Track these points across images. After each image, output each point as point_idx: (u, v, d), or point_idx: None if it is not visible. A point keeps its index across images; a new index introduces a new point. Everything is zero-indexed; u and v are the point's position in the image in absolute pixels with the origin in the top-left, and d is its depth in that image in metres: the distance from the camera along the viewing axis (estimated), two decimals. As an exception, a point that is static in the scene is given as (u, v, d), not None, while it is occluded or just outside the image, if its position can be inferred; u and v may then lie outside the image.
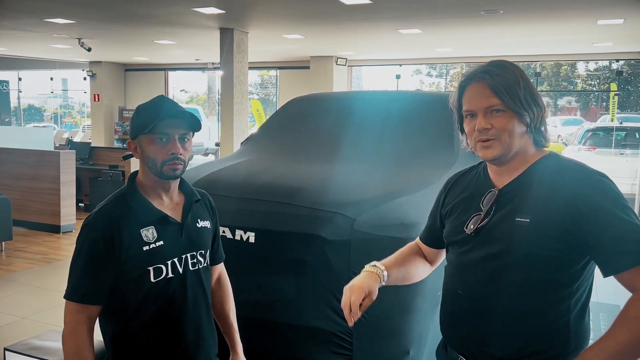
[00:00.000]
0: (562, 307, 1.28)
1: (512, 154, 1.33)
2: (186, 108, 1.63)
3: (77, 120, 28.21)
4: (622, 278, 1.20)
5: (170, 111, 1.51)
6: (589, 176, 1.26)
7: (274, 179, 2.64)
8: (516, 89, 1.29)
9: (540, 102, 1.32)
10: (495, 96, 1.30)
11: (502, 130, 1.30)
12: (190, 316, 1.59)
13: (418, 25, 8.33)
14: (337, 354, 2.27)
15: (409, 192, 2.53)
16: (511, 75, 1.31)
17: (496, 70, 1.31)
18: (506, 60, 1.37)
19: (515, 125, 1.30)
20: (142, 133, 1.51)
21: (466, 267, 1.38)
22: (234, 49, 8.92)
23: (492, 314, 1.32)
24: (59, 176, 6.79)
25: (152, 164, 1.52)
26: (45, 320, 4.00)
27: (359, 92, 4.24)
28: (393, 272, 1.50)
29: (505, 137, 1.30)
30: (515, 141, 1.31)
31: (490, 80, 1.30)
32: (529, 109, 1.30)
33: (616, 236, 1.18)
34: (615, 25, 7.86)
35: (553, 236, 1.24)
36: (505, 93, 1.29)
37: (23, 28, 9.27)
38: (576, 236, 1.22)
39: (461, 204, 1.45)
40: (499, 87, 1.29)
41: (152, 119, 1.49)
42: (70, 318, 1.48)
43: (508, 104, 1.29)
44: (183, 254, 1.57)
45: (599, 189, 1.23)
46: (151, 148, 1.51)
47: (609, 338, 1.18)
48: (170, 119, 1.50)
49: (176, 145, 1.51)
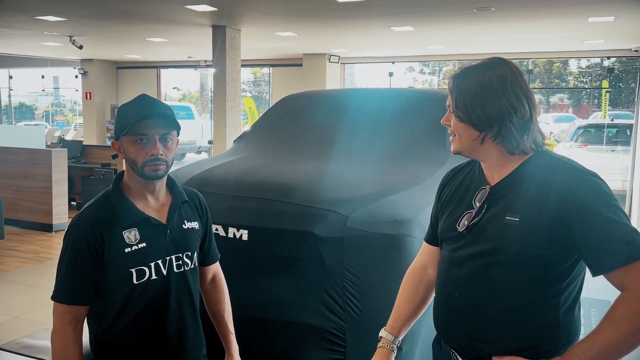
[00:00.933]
0: (551, 304, 1.29)
1: (471, 152, 1.36)
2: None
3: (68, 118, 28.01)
4: (611, 277, 1.21)
5: (147, 111, 1.48)
6: (580, 176, 1.26)
7: (267, 177, 2.64)
8: (464, 99, 1.30)
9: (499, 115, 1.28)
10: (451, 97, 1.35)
11: (454, 129, 1.36)
12: (174, 318, 1.58)
13: (410, 22, 8.34)
14: (330, 351, 2.27)
15: (401, 189, 2.54)
16: (471, 84, 1.30)
17: (466, 74, 1.33)
18: (495, 61, 1.33)
19: (463, 129, 1.33)
20: (123, 134, 1.50)
21: (457, 264, 1.39)
22: (226, 46, 8.88)
23: (483, 311, 1.33)
24: (51, 174, 6.76)
25: (133, 165, 1.51)
26: (38, 319, 3.98)
27: (352, 90, 4.25)
28: (404, 328, 1.58)
29: (458, 135, 1.35)
30: (468, 142, 1.34)
31: (452, 82, 1.35)
32: (476, 121, 1.29)
33: (604, 236, 1.19)
34: (606, 22, 7.90)
35: (542, 236, 1.25)
36: (454, 98, 1.33)
37: (13, 26, 9.19)
38: (565, 236, 1.23)
39: (454, 200, 1.46)
40: (452, 91, 1.34)
41: (129, 120, 1.47)
42: (57, 318, 1.49)
43: (461, 118, 1.32)
44: (167, 256, 1.56)
45: (588, 188, 1.23)
46: (131, 149, 1.50)
47: (597, 335, 1.19)
48: (147, 120, 1.47)
49: (156, 145, 1.49)
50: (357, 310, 2.25)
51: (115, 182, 1.58)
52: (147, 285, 1.53)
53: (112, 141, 1.56)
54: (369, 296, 2.26)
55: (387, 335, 1.57)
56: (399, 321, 1.58)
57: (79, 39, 10.33)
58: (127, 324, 1.53)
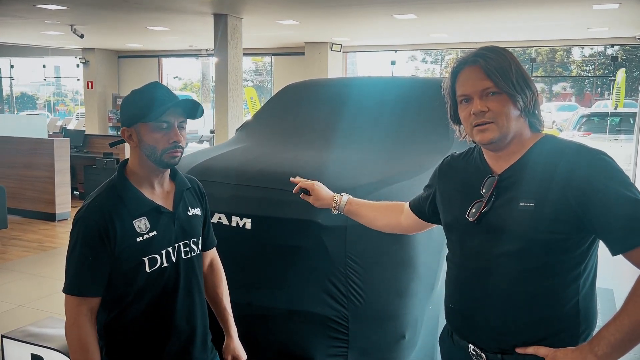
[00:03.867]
0: (570, 290, 1.28)
1: (509, 137, 1.32)
2: (180, 95, 1.62)
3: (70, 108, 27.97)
4: (631, 256, 1.20)
5: (173, 99, 1.50)
6: (590, 156, 1.26)
7: (270, 166, 2.64)
8: (508, 72, 1.29)
9: (532, 85, 1.32)
10: (489, 79, 1.29)
11: (498, 113, 1.30)
12: (184, 304, 1.59)
13: (413, 10, 8.27)
14: (333, 339, 2.28)
15: (404, 178, 2.53)
16: (503, 59, 1.31)
17: (489, 54, 1.31)
18: (497, 45, 1.37)
19: (510, 108, 1.30)
20: (142, 120, 1.49)
21: (470, 255, 1.37)
22: (227, 35, 8.83)
23: (501, 301, 1.32)
24: (53, 164, 6.76)
25: (151, 153, 1.51)
26: (42, 307, 4.01)
27: (355, 78, 4.22)
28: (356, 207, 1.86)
29: (503, 119, 1.30)
30: (512, 124, 1.31)
31: (484, 63, 1.30)
32: (521, 92, 1.29)
33: (623, 215, 1.18)
34: (610, 10, 7.84)
35: (559, 219, 1.24)
36: (498, 76, 1.28)
37: (14, 14, 9.15)
38: (582, 217, 1.22)
39: (460, 190, 1.44)
40: (492, 70, 1.29)
41: (152, 106, 1.47)
42: (71, 311, 1.48)
43: (501, 87, 1.28)
44: (176, 243, 1.58)
45: (601, 168, 1.23)
46: (151, 136, 1.49)
47: (623, 317, 1.18)
48: (174, 107, 1.49)
49: (177, 133, 1.51)
50: (360, 298, 2.25)
51: (119, 171, 1.57)
52: (159, 273, 1.54)
53: (123, 128, 1.54)
54: (372, 284, 2.26)
55: (345, 197, 1.91)
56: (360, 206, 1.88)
57: (80, 28, 10.29)
58: (139, 312, 1.54)
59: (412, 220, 1.72)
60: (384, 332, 2.30)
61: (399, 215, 1.77)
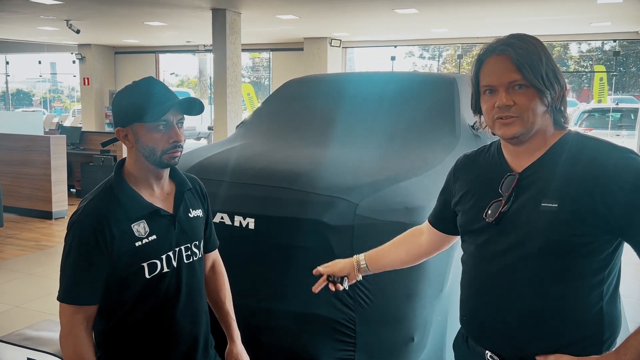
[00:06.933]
0: (594, 295, 1.22)
1: (532, 133, 1.25)
2: (177, 92, 1.56)
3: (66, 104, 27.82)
4: None
5: (173, 97, 1.43)
6: (619, 155, 1.19)
7: (273, 163, 2.56)
8: (538, 65, 1.21)
9: (562, 80, 1.24)
10: (517, 71, 1.21)
11: (524, 108, 1.22)
12: (185, 310, 1.53)
13: (415, 4, 8.20)
14: (339, 342, 2.22)
15: (412, 175, 2.46)
16: (534, 50, 1.23)
17: (519, 44, 1.23)
18: (528, 34, 1.28)
19: (537, 104, 1.22)
20: (140, 121, 1.41)
21: (488, 258, 1.30)
22: (226, 30, 8.74)
23: (521, 306, 1.25)
24: (50, 161, 6.68)
25: (150, 153, 1.43)
26: (39, 308, 3.93)
27: (358, 73, 4.15)
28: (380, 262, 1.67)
29: (528, 115, 1.22)
30: (537, 120, 1.24)
31: (514, 54, 1.21)
32: (550, 87, 1.22)
33: None
34: (615, 4, 7.77)
35: (584, 221, 1.17)
36: (528, 68, 1.20)
37: (8, 9, 9.03)
38: (608, 219, 1.16)
39: (476, 189, 1.37)
40: (522, 62, 1.20)
41: (149, 105, 1.39)
42: (66, 320, 1.41)
43: (530, 80, 1.20)
44: (177, 247, 1.50)
45: (631, 168, 1.16)
46: (150, 136, 1.42)
47: None
48: (175, 106, 1.42)
49: (177, 132, 1.43)
50: (368, 300, 2.19)
51: (116, 172, 1.49)
52: (159, 278, 1.47)
53: (118, 128, 1.46)
54: (379, 286, 2.20)
55: (360, 255, 1.69)
56: (379, 254, 1.67)
57: (76, 23, 10.18)
58: (138, 320, 1.47)
59: (435, 237, 1.59)
60: (392, 335, 2.24)
61: (418, 238, 1.64)
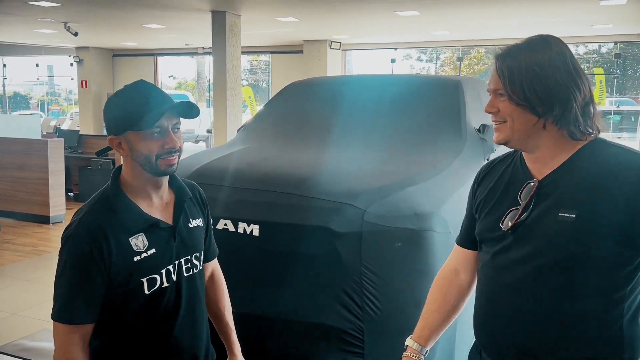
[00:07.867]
0: (614, 312, 1.16)
1: (525, 141, 1.21)
2: (175, 94, 1.48)
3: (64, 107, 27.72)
4: None
5: (168, 101, 1.35)
6: None
7: (277, 168, 2.50)
8: (522, 80, 1.16)
9: (564, 96, 1.15)
10: (499, 79, 1.20)
11: (506, 115, 1.21)
12: (185, 324, 1.46)
13: (416, 6, 8.16)
14: (347, 352, 2.16)
15: (419, 180, 2.41)
16: (525, 62, 1.17)
17: (515, 53, 1.20)
18: (547, 37, 1.21)
19: (520, 113, 1.19)
20: (133, 129, 1.33)
21: (503, 269, 1.25)
22: (226, 32, 8.69)
23: (535, 321, 1.20)
24: (47, 165, 6.60)
25: (146, 162, 1.35)
26: (37, 315, 3.86)
27: (362, 76, 4.09)
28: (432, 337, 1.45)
29: (511, 122, 1.20)
30: (524, 129, 1.19)
31: (499, 63, 1.20)
32: (539, 104, 1.16)
33: None
34: (617, 5, 7.74)
35: (605, 234, 1.11)
36: (507, 81, 1.18)
37: (5, 12, 8.97)
38: (632, 234, 1.10)
39: (494, 196, 1.31)
40: (502, 71, 1.19)
41: (143, 112, 1.31)
42: (61, 340, 1.33)
43: (507, 92, 1.19)
44: (177, 260, 1.43)
45: None
46: (144, 144, 1.33)
47: None
48: (170, 111, 1.34)
49: (172, 137, 1.35)
50: (376, 309, 2.13)
51: (113, 181, 1.41)
52: (158, 293, 1.39)
53: (111, 137, 1.38)
54: (388, 295, 2.14)
55: (414, 344, 1.46)
56: (426, 329, 1.45)
57: (73, 26, 10.12)
58: (136, 336, 1.40)
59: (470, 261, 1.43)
60: (401, 345, 2.17)
61: (457, 281, 1.47)
